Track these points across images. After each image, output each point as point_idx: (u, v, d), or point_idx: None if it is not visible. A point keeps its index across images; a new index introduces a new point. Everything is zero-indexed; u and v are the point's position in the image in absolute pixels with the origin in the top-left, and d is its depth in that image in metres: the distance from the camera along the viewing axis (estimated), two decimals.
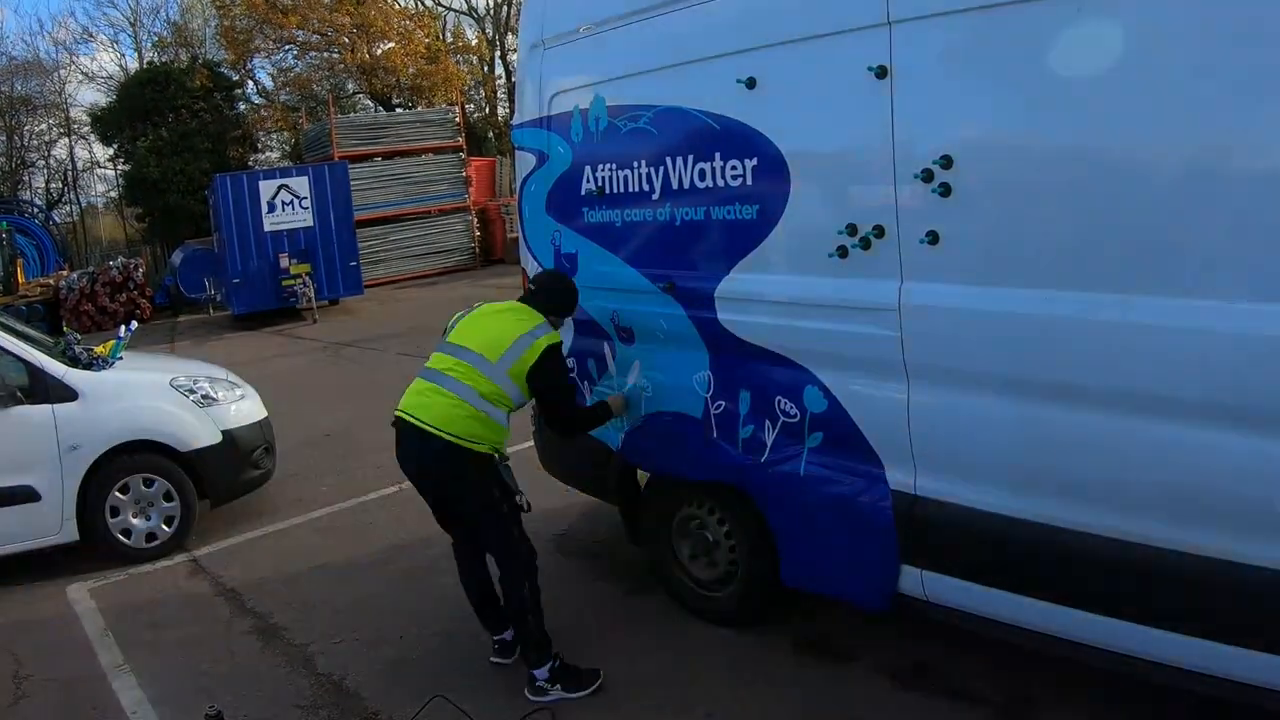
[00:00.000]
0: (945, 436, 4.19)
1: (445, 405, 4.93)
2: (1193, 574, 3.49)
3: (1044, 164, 3.73)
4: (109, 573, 7.28)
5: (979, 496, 4.09)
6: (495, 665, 5.35)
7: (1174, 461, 3.49)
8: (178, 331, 23.65)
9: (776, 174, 4.63)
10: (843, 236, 4.35)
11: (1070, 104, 3.62)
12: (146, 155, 32.96)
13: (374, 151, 28.92)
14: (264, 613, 6.40)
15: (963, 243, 3.97)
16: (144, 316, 24.65)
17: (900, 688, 4.78)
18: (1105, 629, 3.80)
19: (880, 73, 4.10)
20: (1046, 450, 3.84)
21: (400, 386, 5.29)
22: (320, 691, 5.31)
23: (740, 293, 4.90)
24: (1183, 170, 3.39)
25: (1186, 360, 3.39)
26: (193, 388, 7.90)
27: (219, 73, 37.67)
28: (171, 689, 5.50)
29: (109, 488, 7.34)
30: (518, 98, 6.38)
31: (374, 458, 9.83)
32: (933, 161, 3.95)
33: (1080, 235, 3.64)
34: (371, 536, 7.62)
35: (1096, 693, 4.50)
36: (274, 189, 22.78)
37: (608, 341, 5.82)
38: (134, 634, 6.25)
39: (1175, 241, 3.41)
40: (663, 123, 5.18)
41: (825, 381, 4.62)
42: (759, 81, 4.65)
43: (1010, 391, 3.91)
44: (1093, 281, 3.60)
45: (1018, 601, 4.05)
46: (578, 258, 5.89)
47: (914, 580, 4.42)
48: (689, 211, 5.10)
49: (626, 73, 5.38)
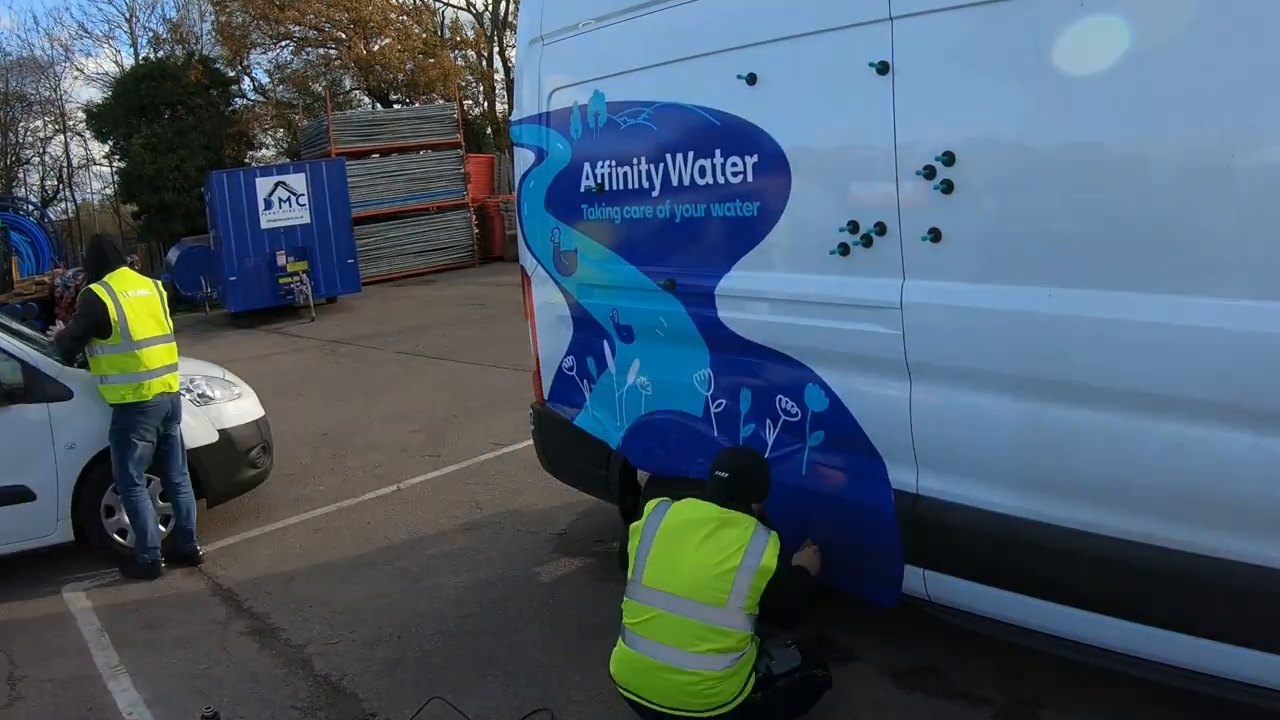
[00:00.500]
0: (948, 436, 4.19)
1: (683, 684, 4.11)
2: (1201, 575, 3.49)
3: (1048, 160, 3.72)
4: (104, 573, 7.28)
5: (982, 496, 4.09)
6: (494, 665, 5.34)
7: (1180, 461, 3.49)
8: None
9: (777, 170, 4.63)
10: (844, 234, 4.35)
11: (1074, 99, 3.62)
12: (142, 152, 33.03)
13: (371, 148, 28.96)
14: (261, 613, 6.40)
15: (965, 240, 3.97)
16: None
17: (902, 688, 4.79)
18: (1111, 630, 3.80)
19: (882, 69, 4.10)
20: (1050, 450, 3.84)
21: (399, 385, 5.29)
22: (317, 692, 5.32)
23: (741, 290, 4.90)
24: (1190, 165, 3.39)
25: (1194, 359, 3.39)
26: (189, 386, 7.89)
27: (215, 69, 37.76)
28: (167, 690, 5.51)
29: (104, 487, 7.33)
30: (516, 93, 6.38)
31: (371, 457, 9.86)
32: (935, 158, 3.95)
33: (1085, 232, 3.64)
34: (369, 537, 7.63)
35: (1101, 695, 4.51)
36: (271, 186, 22.84)
37: (607, 339, 5.82)
38: (130, 634, 6.25)
39: (1182, 238, 3.41)
40: (663, 119, 5.18)
41: (827, 380, 4.62)
42: (760, 77, 4.65)
43: (1013, 390, 3.91)
44: (1098, 279, 3.60)
45: (1021, 602, 4.05)
46: (577, 254, 5.90)
47: (917, 580, 4.43)
48: (689, 208, 5.10)
49: (626, 68, 5.37)
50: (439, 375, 13.63)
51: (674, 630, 4.11)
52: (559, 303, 6.15)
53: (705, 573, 4.11)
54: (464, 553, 7.05)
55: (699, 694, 4.08)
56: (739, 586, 4.08)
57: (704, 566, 4.12)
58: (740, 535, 4.18)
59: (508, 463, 9.13)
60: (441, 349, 16.07)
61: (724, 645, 4.08)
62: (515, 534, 7.33)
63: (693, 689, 4.07)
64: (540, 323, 6.43)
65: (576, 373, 6.11)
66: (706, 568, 4.11)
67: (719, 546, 4.15)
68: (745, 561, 4.10)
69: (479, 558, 6.92)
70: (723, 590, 4.07)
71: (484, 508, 7.97)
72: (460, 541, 7.29)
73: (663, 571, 4.20)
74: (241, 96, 40.47)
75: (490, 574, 6.60)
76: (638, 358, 5.64)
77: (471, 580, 6.55)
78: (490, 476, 8.82)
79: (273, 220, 22.72)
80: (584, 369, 6.06)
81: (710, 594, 4.08)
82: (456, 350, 15.69)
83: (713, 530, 4.21)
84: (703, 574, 4.11)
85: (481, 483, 8.66)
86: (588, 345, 6.00)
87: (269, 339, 20.24)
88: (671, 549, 4.24)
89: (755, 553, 4.13)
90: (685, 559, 4.18)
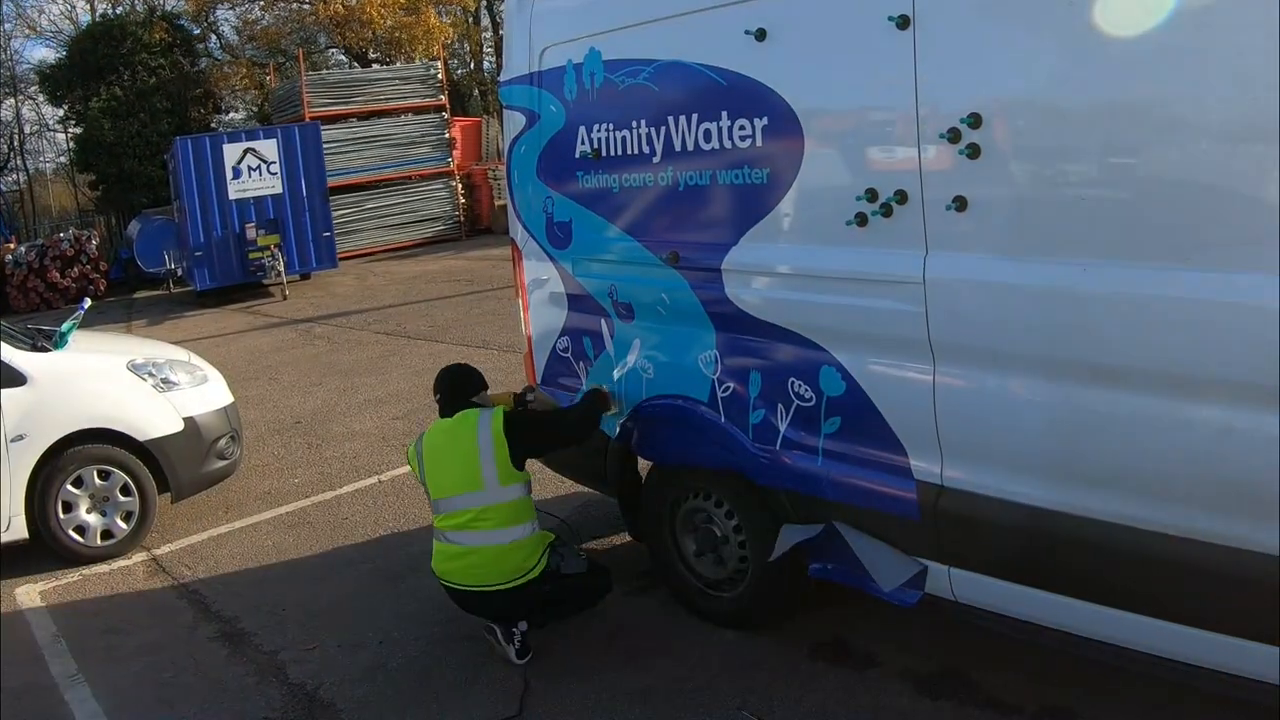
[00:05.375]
0: (974, 422, 4.18)
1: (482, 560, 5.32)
2: (1247, 572, 3.48)
3: (1083, 122, 3.70)
4: (61, 573, 7.30)
5: (1011, 487, 4.08)
6: (481, 672, 5.36)
7: (1228, 449, 3.48)
8: (135, 309, 23.68)
9: (789, 134, 4.60)
10: (862, 202, 4.33)
11: (1111, 55, 3.59)
12: (100, 117, 32.90)
13: (349, 111, 28.91)
14: (230, 617, 6.41)
15: (993, 209, 3.95)
16: (98, 293, 24.68)
17: (925, 695, 4.79)
18: (1152, 632, 3.79)
19: (902, 23, 4.07)
20: (1085, 437, 3.83)
21: (379, 368, 5.32)
22: (292, 703, 5.33)
23: (749, 264, 4.88)
24: (1237, 128, 3.37)
25: (1241, 339, 3.38)
26: (151, 371, 7.90)
27: (179, 26, 37.62)
28: (129, 700, 5.53)
29: (60, 481, 7.34)
30: (505, 51, 6.36)
31: (349, 447, 9.86)
32: (960, 120, 3.93)
33: (1123, 201, 3.62)
34: (347, 533, 7.64)
35: (1140, 701, 4.51)
36: (239, 153, 22.73)
37: (605, 318, 5.82)
38: (89, 641, 6.27)
39: (1229, 208, 3.40)
40: (664, 78, 5.16)
41: (843, 362, 4.61)
42: (770, 33, 4.63)
43: (1045, 373, 3.90)
44: (1136, 252, 3.58)
45: (1054, 601, 4.04)
46: (572, 226, 5.88)
47: (941, 578, 4.42)
48: (693, 176, 5.08)
49: (625, 24, 5.34)
50: (422, 357, 13.58)
51: (462, 520, 5.30)
52: (553, 279, 6.14)
53: (459, 469, 5.34)
54: None
55: (493, 568, 5.27)
56: (485, 467, 5.28)
57: (456, 465, 5.35)
58: (467, 426, 5.39)
59: None
60: (425, 329, 16.08)
61: (501, 519, 5.28)
62: None
63: (489, 565, 5.27)
64: (532, 301, 6.42)
65: (572, 354, 6.10)
66: (458, 465, 5.35)
67: (458, 445, 5.38)
68: (479, 443, 5.30)
69: None
70: (474, 475, 5.29)
71: None
72: None
73: (438, 484, 5.42)
74: (208, 56, 40.40)
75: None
76: (638, 338, 5.63)
77: None
78: None
79: (242, 190, 22.63)
80: (580, 350, 6.06)
81: (470, 483, 5.30)
82: (441, 330, 15.71)
83: (450, 437, 5.44)
84: (458, 471, 5.34)
85: None
86: (584, 325, 5.99)
87: (238, 318, 20.23)
88: (435, 466, 5.44)
89: (483, 431, 5.33)
90: (445, 468, 5.40)
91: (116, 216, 35.53)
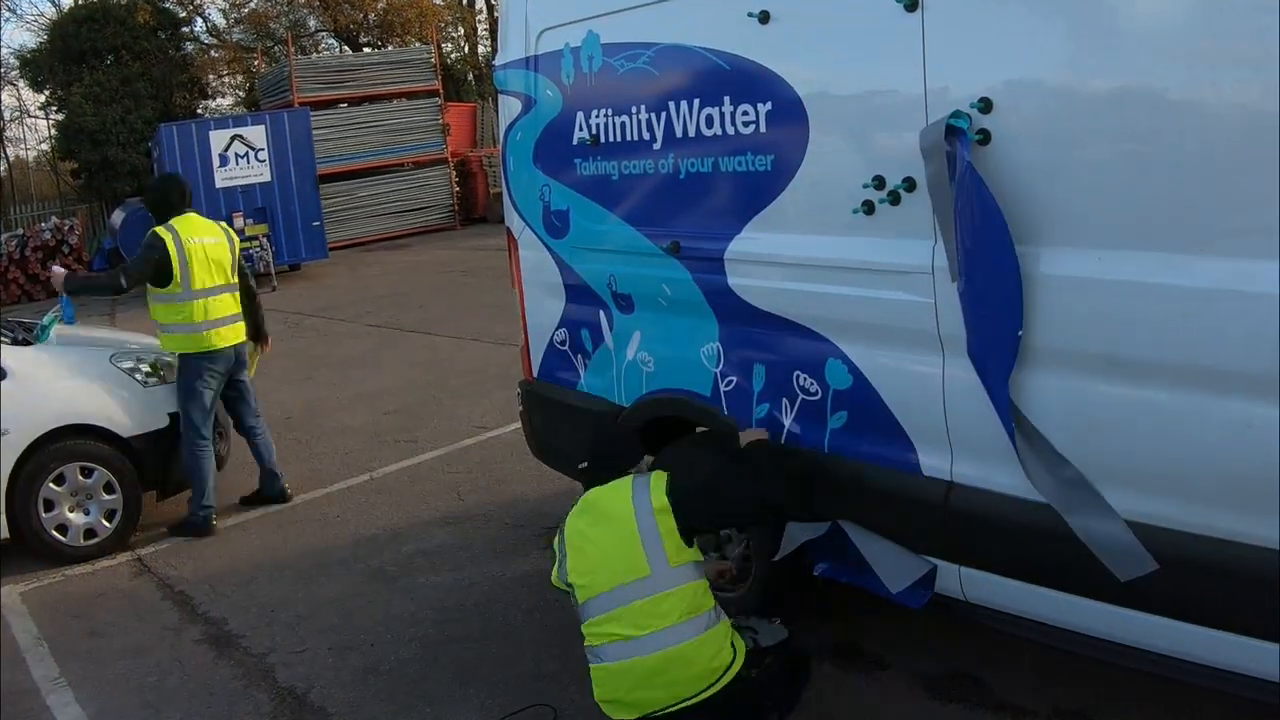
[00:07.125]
0: (985, 416, 4.17)
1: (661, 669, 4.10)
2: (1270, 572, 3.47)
3: (1096, 107, 3.68)
4: (43, 574, 7.31)
5: (1024, 484, 4.07)
6: (476, 675, 5.35)
7: (1247, 444, 3.46)
8: (118, 301, 23.62)
9: (794, 120, 4.59)
10: (869, 190, 4.32)
11: (1126, 37, 3.58)
12: (83, 102, 32.87)
13: (339, 97, 28.91)
14: (217, 618, 6.42)
15: (1004, 197, 3.93)
16: None
17: (937, 699, 4.80)
18: (1171, 633, 3.78)
19: (910, 5, 4.05)
20: (1099, 431, 3.82)
21: (370, 361, 5.29)
22: (281, 707, 5.33)
23: (753, 254, 4.87)
24: (1259, 114, 3.35)
25: (1261, 330, 3.36)
26: (136, 365, 7.89)
27: (164, 9, 37.59)
28: (113, 705, 5.53)
29: (42, 478, 7.34)
30: (501, 34, 6.34)
31: (339, 443, 9.87)
32: (970, 105, 3.91)
33: (1138, 188, 3.61)
34: (338, 531, 7.65)
35: (1157, 704, 4.51)
36: (226, 140, 22.75)
37: (603, 310, 5.81)
38: (71, 643, 6.27)
39: (1247, 195, 3.38)
40: (665, 63, 5.14)
41: (850, 354, 4.60)
42: (773, 15, 4.61)
43: (1058, 365, 3.88)
44: (1152, 240, 3.57)
45: (1069, 602, 4.03)
46: (569, 215, 5.87)
47: (952, 578, 4.42)
48: (695, 163, 5.07)
49: (624, 6, 5.32)
50: (416, 350, 13.57)
51: (626, 623, 4.14)
52: (550, 269, 6.13)
53: (615, 556, 4.21)
54: (444, 549, 7.07)
55: (683, 674, 4.08)
56: (649, 546, 4.16)
57: (610, 551, 4.24)
58: (620, 499, 4.33)
59: (493, 448, 9.15)
60: (419, 321, 16.08)
61: (679, 610, 4.10)
62: (501, 528, 7.34)
63: (675, 671, 4.08)
64: (529, 291, 6.41)
65: (570, 347, 6.09)
66: (613, 551, 4.23)
67: (609, 525, 4.30)
68: (639, 520, 4.21)
69: (461, 555, 6.94)
70: (639, 559, 4.16)
71: (466, 499, 7.99)
72: (440, 537, 7.31)
73: (585, 580, 4.28)
74: (194, 40, 40.37)
75: (474, 573, 6.62)
76: (638, 330, 5.62)
77: (453, 580, 6.57)
78: (473, 464, 8.84)
79: (229, 178, 22.66)
80: (578, 343, 6.05)
81: (632, 571, 4.15)
82: (435, 322, 15.70)
83: (596, 515, 4.39)
84: (614, 559, 4.21)
85: (464, 471, 8.68)
86: (582, 316, 5.98)
87: None
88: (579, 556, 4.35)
89: (641, 503, 4.26)
90: (592, 557, 4.29)
91: (100, 205, 35.50)
